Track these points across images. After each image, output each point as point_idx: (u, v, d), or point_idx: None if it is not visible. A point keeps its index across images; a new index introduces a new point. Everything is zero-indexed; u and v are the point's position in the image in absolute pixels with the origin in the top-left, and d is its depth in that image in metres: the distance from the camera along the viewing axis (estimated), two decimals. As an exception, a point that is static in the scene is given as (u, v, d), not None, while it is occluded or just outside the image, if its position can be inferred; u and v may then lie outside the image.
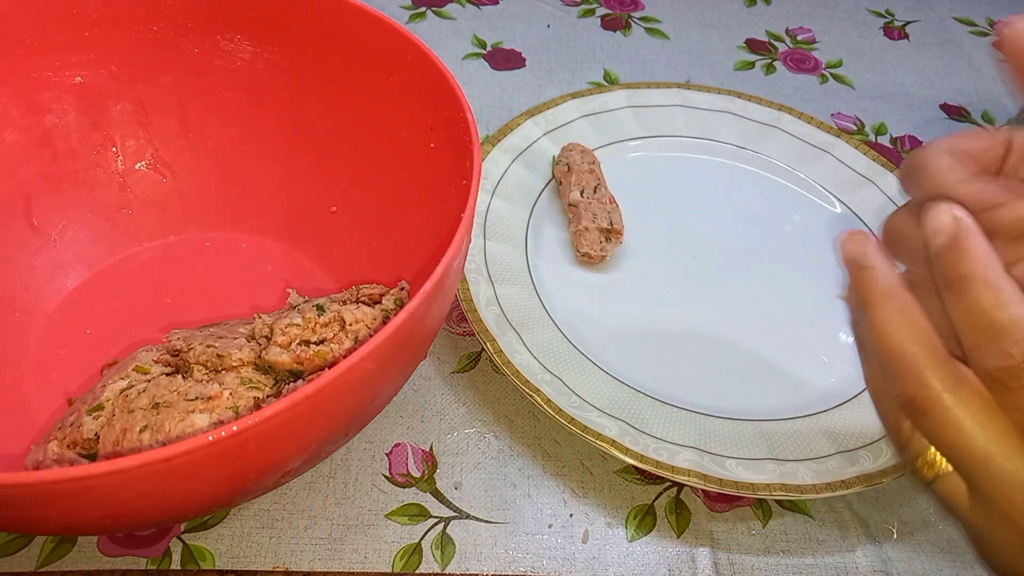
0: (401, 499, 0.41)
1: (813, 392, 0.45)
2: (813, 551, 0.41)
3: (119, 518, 0.28)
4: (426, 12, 0.71)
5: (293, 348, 0.37)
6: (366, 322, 0.38)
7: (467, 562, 0.39)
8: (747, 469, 0.40)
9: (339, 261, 0.46)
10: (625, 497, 0.42)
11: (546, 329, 0.45)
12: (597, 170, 0.52)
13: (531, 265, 0.49)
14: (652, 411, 0.42)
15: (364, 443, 0.43)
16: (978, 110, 0.68)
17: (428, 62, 0.38)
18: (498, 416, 0.45)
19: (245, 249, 0.48)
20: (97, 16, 0.41)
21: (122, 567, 0.37)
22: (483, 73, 0.65)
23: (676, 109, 0.59)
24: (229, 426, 0.24)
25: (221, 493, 0.30)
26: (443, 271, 0.30)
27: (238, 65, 0.44)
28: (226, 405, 0.35)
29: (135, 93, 0.45)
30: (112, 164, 0.46)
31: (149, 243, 0.47)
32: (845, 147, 0.57)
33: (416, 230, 0.42)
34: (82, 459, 0.34)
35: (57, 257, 0.45)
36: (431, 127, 0.40)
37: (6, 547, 0.37)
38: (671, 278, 0.50)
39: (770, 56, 0.71)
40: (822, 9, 0.77)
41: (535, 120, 0.56)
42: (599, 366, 0.44)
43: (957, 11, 0.78)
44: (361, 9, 0.40)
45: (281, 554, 0.38)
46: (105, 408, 0.35)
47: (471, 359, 0.47)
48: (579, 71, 0.66)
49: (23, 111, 0.42)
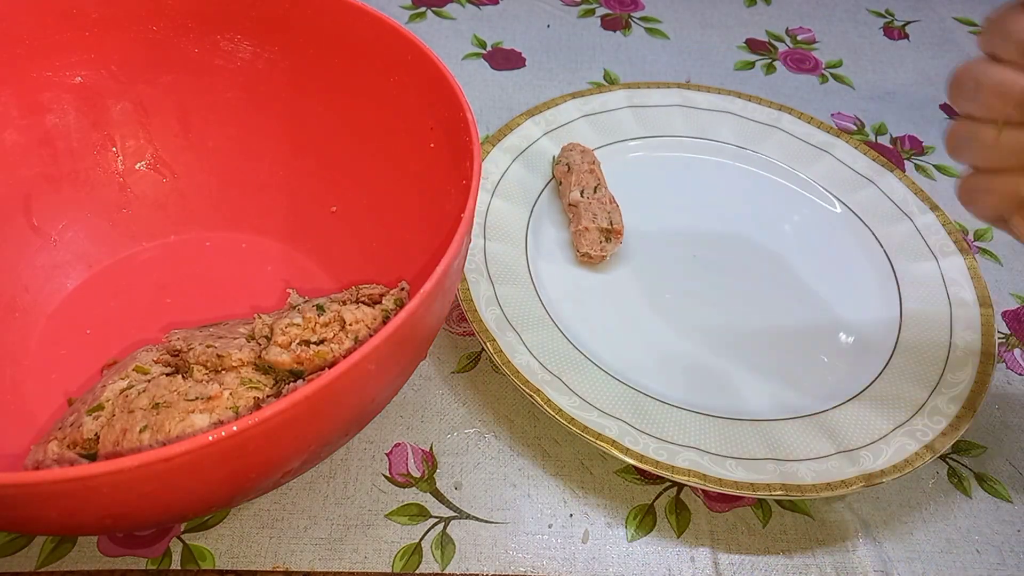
0: (401, 499, 0.41)
1: (813, 392, 0.45)
2: (813, 551, 0.41)
3: (119, 518, 0.28)
4: (426, 12, 0.71)
5: (293, 348, 0.37)
6: (366, 322, 0.38)
7: (467, 562, 0.39)
8: (747, 469, 0.40)
9: (339, 261, 0.46)
10: (625, 497, 0.42)
11: (546, 329, 0.45)
12: (597, 170, 0.52)
13: (531, 265, 0.49)
14: (652, 411, 0.42)
15: (364, 443, 0.43)
16: (978, 110, 0.68)
17: (428, 62, 0.38)
18: (498, 416, 0.45)
19: (245, 249, 0.48)
20: (97, 16, 0.41)
21: (122, 567, 0.37)
22: (483, 73, 0.65)
23: (676, 109, 0.59)
24: (229, 426, 0.24)
25: (221, 493, 0.30)
26: (443, 271, 0.30)
27: (238, 65, 0.44)
28: (226, 405, 0.35)
29: (135, 93, 0.45)
30: (112, 164, 0.46)
31: (149, 243, 0.47)
32: (845, 147, 0.57)
33: (416, 230, 0.42)
34: (82, 459, 0.34)
35: (57, 257, 0.45)
36: (431, 127, 0.40)
37: (6, 547, 0.37)
38: (671, 278, 0.50)
39: (770, 56, 0.71)
40: (822, 9, 0.77)
41: (535, 120, 0.56)
42: (599, 366, 0.44)
43: (957, 11, 0.78)
44: (361, 9, 0.40)
45: (281, 554, 0.38)
46: (105, 408, 0.35)
47: (471, 359, 0.47)
48: (579, 71, 0.67)
49: (23, 111, 0.42)
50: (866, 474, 0.40)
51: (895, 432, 0.42)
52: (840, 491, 0.39)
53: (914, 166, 0.62)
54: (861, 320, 0.49)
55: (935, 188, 0.60)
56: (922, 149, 0.64)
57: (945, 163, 0.63)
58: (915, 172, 0.62)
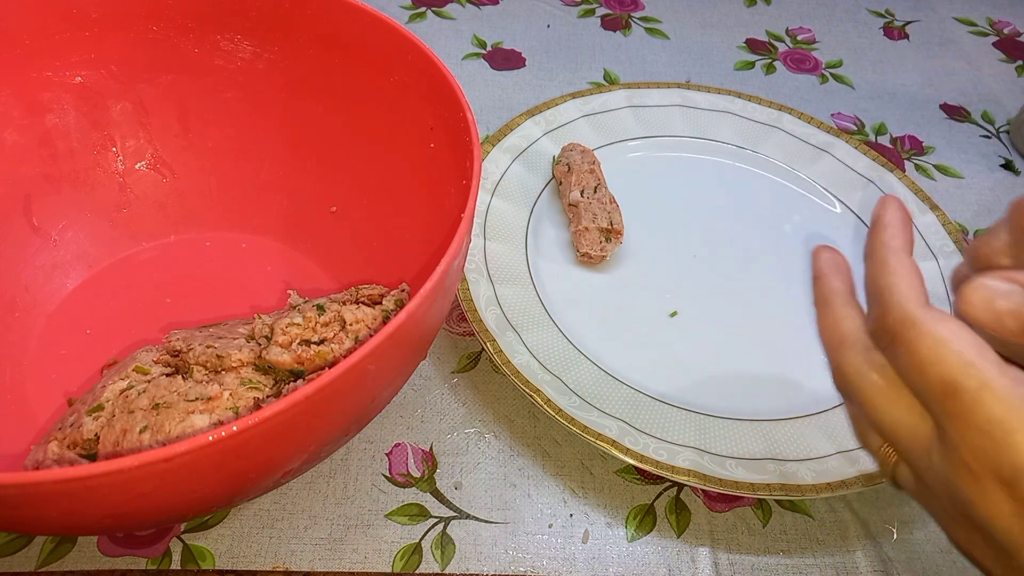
0: (401, 499, 0.41)
1: (813, 392, 0.45)
2: (813, 551, 0.41)
3: (119, 518, 0.28)
4: (426, 12, 0.71)
5: (294, 348, 0.37)
6: (366, 322, 0.38)
7: (467, 562, 0.39)
8: (747, 469, 0.40)
9: (339, 261, 0.46)
10: (625, 497, 0.42)
11: (546, 329, 0.45)
12: (597, 170, 0.52)
13: (531, 265, 0.49)
14: (652, 411, 0.42)
15: (364, 443, 0.43)
16: (978, 110, 0.68)
17: (428, 62, 0.38)
18: (498, 416, 0.45)
19: (245, 249, 0.48)
20: (97, 16, 0.41)
21: (122, 567, 0.37)
22: (483, 73, 0.65)
23: (676, 109, 0.59)
24: (229, 426, 0.24)
25: (221, 493, 0.30)
26: (443, 271, 0.30)
27: (238, 65, 0.44)
28: (226, 406, 0.35)
29: (135, 93, 0.45)
30: (112, 164, 0.46)
31: (149, 243, 0.47)
32: (845, 147, 0.57)
33: (416, 230, 0.42)
34: (82, 459, 0.34)
35: (57, 257, 0.45)
36: (431, 127, 0.40)
37: (6, 547, 0.37)
38: (671, 278, 0.50)
39: (770, 56, 0.71)
40: (822, 9, 0.77)
41: (535, 120, 0.56)
42: (599, 366, 0.44)
43: (957, 11, 0.78)
44: (361, 9, 0.40)
45: (281, 554, 0.38)
46: (105, 408, 0.35)
47: (471, 359, 0.47)
48: (579, 71, 0.66)
49: (23, 111, 0.42)
50: (866, 474, 0.40)
51: (895, 432, 0.42)
52: (840, 491, 0.39)
53: (914, 166, 0.62)
54: (861, 320, 0.49)
55: (935, 188, 0.60)
56: (922, 149, 0.64)
57: (945, 163, 0.63)
58: (915, 172, 0.62)
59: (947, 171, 0.62)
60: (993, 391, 0.22)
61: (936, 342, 0.23)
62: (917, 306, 0.24)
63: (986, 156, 0.64)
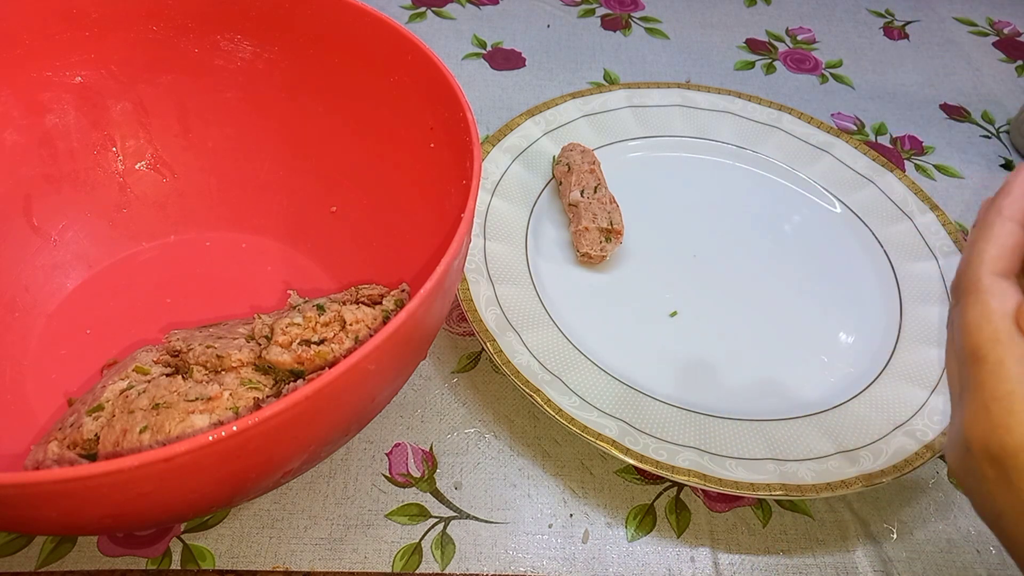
0: (401, 499, 0.41)
1: (813, 392, 0.45)
2: (813, 551, 0.41)
3: (119, 518, 0.28)
4: (426, 12, 0.71)
5: (294, 348, 0.37)
6: (366, 322, 0.38)
7: (467, 562, 0.39)
8: (747, 469, 0.40)
9: (339, 261, 0.46)
10: (625, 497, 0.42)
11: (546, 329, 0.45)
12: (597, 170, 0.52)
13: (531, 265, 0.49)
14: (652, 411, 0.42)
15: (364, 443, 0.43)
16: (978, 110, 0.68)
17: (428, 62, 0.38)
18: (498, 416, 0.45)
19: (245, 249, 0.48)
20: (97, 16, 0.41)
21: (122, 567, 0.37)
22: (483, 73, 0.65)
23: (676, 109, 0.59)
24: (229, 426, 0.24)
25: (221, 493, 0.30)
26: (443, 271, 0.30)
27: (238, 65, 0.44)
28: (226, 406, 0.35)
29: (135, 93, 0.45)
30: (112, 164, 0.46)
31: (149, 243, 0.47)
32: (845, 147, 0.57)
33: (416, 230, 0.42)
34: (82, 459, 0.34)
35: (57, 257, 0.45)
36: (431, 127, 0.40)
37: (6, 547, 0.38)
38: (671, 278, 0.50)
39: (770, 56, 0.71)
40: (822, 9, 0.77)
41: (535, 120, 0.56)
42: (599, 366, 0.44)
43: (957, 11, 0.78)
44: (361, 9, 0.40)
45: (281, 554, 0.38)
46: (105, 409, 0.35)
47: (471, 359, 0.47)
48: (579, 71, 0.66)
49: (23, 111, 0.42)
50: (866, 474, 0.40)
51: (895, 432, 0.42)
52: (840, 491, 0.39)
53: (914, 166, 0.62)
54: (861, 320, 0.49)
55: (935, 188, 0.60)
56: (922, 149, 0.64)
57: (945, 163, 0.63)
58: (915, 172, 0.62)
59: (947, 171, 0.62)
60: (1007, 370, 0.22)
61: (983, 312, 0.24)
62: (988, 273, 0.25)
63: (986, 156, 0.64)
